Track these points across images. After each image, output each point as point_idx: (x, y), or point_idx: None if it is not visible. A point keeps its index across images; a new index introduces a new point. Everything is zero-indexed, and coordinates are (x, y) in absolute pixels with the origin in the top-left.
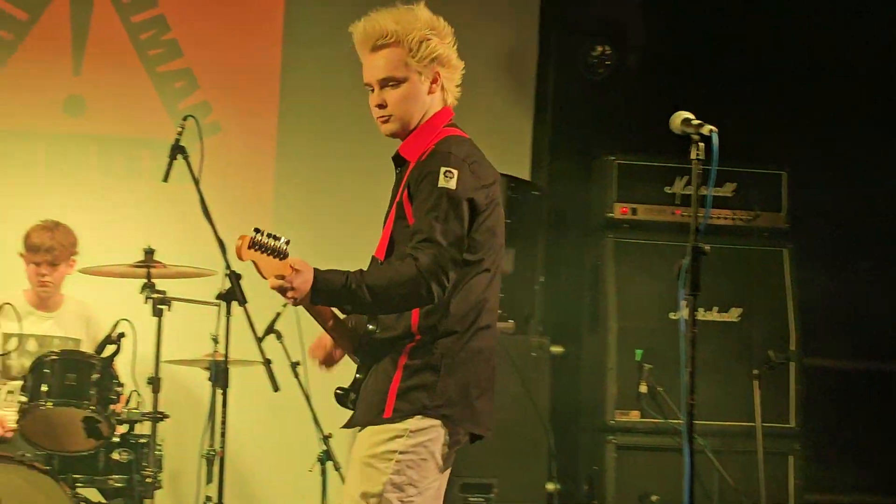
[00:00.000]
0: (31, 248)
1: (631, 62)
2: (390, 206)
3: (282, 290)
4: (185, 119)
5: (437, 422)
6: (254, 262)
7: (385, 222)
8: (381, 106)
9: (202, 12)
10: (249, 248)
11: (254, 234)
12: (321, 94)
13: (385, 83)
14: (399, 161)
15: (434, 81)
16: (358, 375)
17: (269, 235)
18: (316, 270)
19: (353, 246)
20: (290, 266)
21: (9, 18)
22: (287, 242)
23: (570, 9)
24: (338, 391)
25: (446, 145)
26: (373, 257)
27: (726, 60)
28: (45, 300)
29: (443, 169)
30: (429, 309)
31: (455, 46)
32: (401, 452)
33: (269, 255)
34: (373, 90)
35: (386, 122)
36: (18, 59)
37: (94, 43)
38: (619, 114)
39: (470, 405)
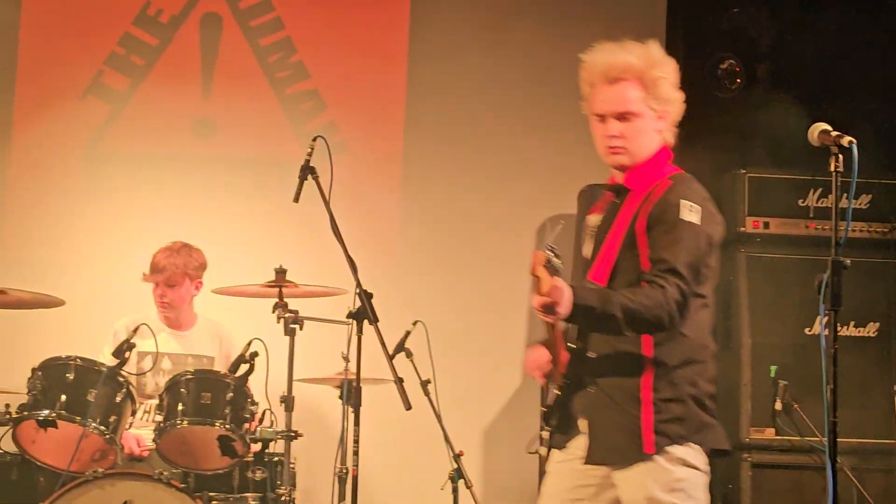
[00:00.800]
0: (151, 269)
1: (760, 74)
2: (603, 233)
3: (549, 308)
4: (314, 139)
5: (697, 447)
6: (538, 277)
7: (597, 247)
8: (616, 137)
9: (328, 33)
10: (543, 265)
11: (548, 253)
12: (446, 111)
13: (622, 117)
14: (619, 190)
15: (662, 119)
16: (558, 393)
17: (555, 254)
18: (573, 288)
19: (479, 264)
20: (555, 284)
21: (140, 44)
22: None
23: (697, 21)
24: (543, 409)
25: (685, 182)
26: (588, 281)
27: (857, 68)
28: (176, 320)
29: (686, 203)
30: (662, 338)
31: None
32: (680, 480)
33: (551, 273)
34: (602, 119)
35: (617, 153)
36: (149, 84)
37: (222, 66)
38: (749, 127)
39: (714, 426)
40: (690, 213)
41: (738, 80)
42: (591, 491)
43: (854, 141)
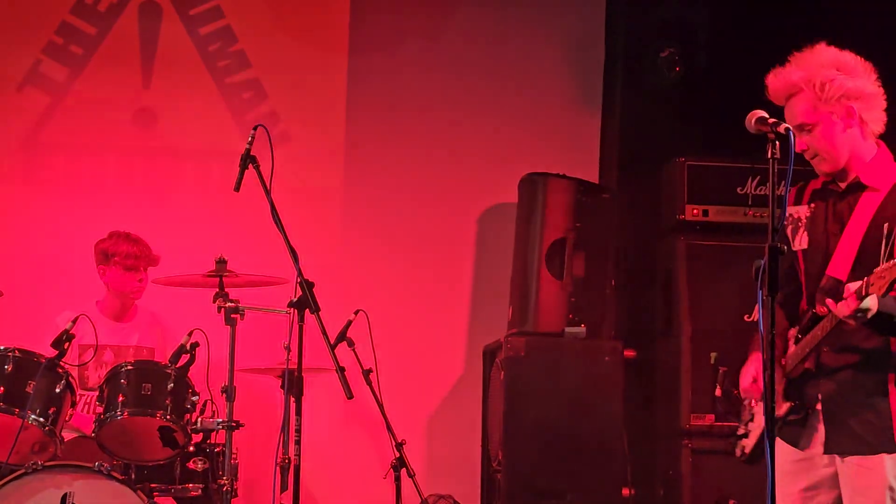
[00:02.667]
0: (123, 255)
1: (699, 63)
2: (830, 227)
3: (858, 318)
4: (255, 129)
5: None
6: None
7: (824, 240)
8: (805, 150)
9: (268, 22)
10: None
11: None
12: (388, 99)
13: (801, 129)
14: (855, 188)
15: (849, 116)
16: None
17: None
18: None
19: (421, 253)
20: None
21: (79, 33)
22: None
23: (637, 11)
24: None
25: None
26: (828, 277)
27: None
28: (120, 311)
29: None
30: None
31: (870, 74)
32: None
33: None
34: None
35: (817, 163)
36: (88, 73)
37: (162, 55)
38: (688, 115)
39: None
40: None
41: (678, 69)
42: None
43: (790, 128)
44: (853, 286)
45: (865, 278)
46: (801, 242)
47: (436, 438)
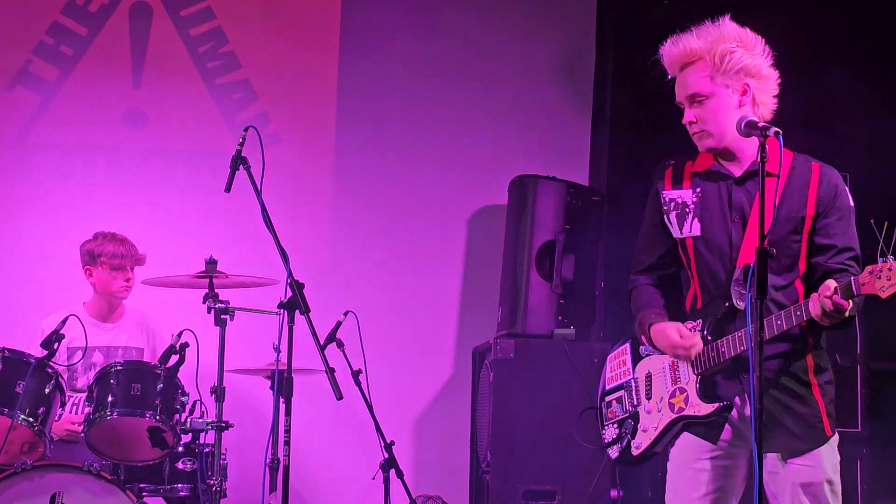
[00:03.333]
0: (110, 255)
1: None
2: (740, 216)
3: (834, 315)
4: (245, 130)
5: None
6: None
7: (737, 232)
8: (692, 122)
9: (259, 23)
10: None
11: None
12: (378, 101)
13: (693, 99)
14: (754, 174)
15: (744, 94)
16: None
17: None
18: None
19: (411, 255)
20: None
21: (69, 34)
22: None
23: (627, 13)
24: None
25: (826, 166)
26: (740, 268)
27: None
28: (107, 312)
29: (846, 188)
30: (822, 326)
31: (768, 56)
32: (838, 461)
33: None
34: (684, 108)
35: (700, 137)
36: (79, 74)
37: (153, 56)
38: (679, 117)
39: None
40: (850, 198)
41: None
42: (735, 482)
43: (780, 132)
44: (833, 283)
45: (853, 279)
46: (691, 229)
47: (425, 439)
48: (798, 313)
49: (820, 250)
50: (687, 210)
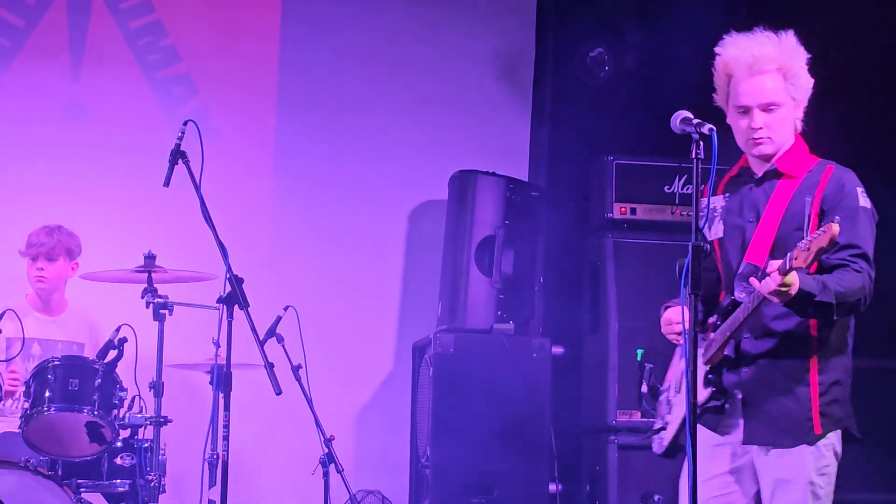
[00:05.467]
0: (29, 244)
1: (628, 63)
2: (747, 215)
3: (781, 294)
4: (185, 124)
5: (840, 431)
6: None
7: (749, 230)
8: (760, 128)
9: (199, 17)
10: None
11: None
12: (319, 94)
13: (767, 107)
14: (771, 175)
15: (799, 107)
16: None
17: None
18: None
19: (351, 249)
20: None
21: (6, 25)
22: None
23: (567, 10)
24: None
25: (846, 170)
26: (746, 263)
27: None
28: (48, 304)
29: (858, 189)
30: (832, 324)
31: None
32: (827, 466)
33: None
34: (744, 111)
35: (762, 143)
36: (17, 66)
37: (92, 49)
38: (618, 114)
39: (852, 410)
40: (865, 199)
41: (606, 69)
42: (741, 476)
43: (714, 128)
44: (776, 263)
45: (788, 254)
46: (716, 231)
47: (365, 434)
48: (753, 294)
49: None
50: (714, 214)
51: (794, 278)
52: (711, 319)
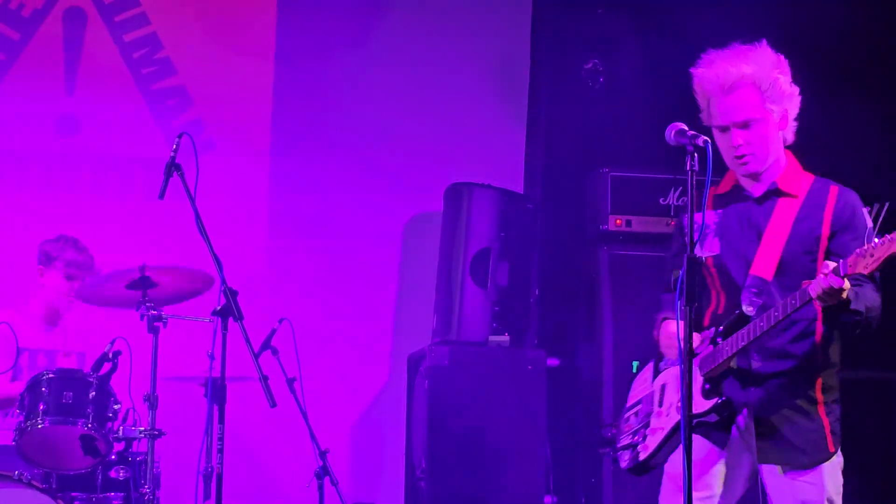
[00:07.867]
0: (70, 264)
1: (623, 75)
2: (749, 232)
3: (833, 295)
4: (179, 136)
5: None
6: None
7: (752, 249)
8: (741, 145)
9: (194, 30)
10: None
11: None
12: (313, 107)
13: (744, 125)
14: (772, 194)
15: (783, 119)
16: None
17: None
18: None
19: (346, 263)
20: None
21: (2, 38)
22: None
23: (562, 23)
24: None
25: (845, 189)
26: (753, 276)
27: None
28: (52, 315)
29: (864, 211)
30: (837, 343)
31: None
32: (841, 484)
33: None
34: (724, 131)
35: (745, 162)
36: (11, 79)
37: (87, 62)
38: (613, 126)
39: None
40: (869, 220)
41: (601, 80)
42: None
43: (709, 140)
44: (831, 264)
45: (841, 260)
46: (710, 248)
47: (360, 446)
48: (796, 297)
49: None
50: (707, 231)
51: (847, 283)
52: (707, 333)
